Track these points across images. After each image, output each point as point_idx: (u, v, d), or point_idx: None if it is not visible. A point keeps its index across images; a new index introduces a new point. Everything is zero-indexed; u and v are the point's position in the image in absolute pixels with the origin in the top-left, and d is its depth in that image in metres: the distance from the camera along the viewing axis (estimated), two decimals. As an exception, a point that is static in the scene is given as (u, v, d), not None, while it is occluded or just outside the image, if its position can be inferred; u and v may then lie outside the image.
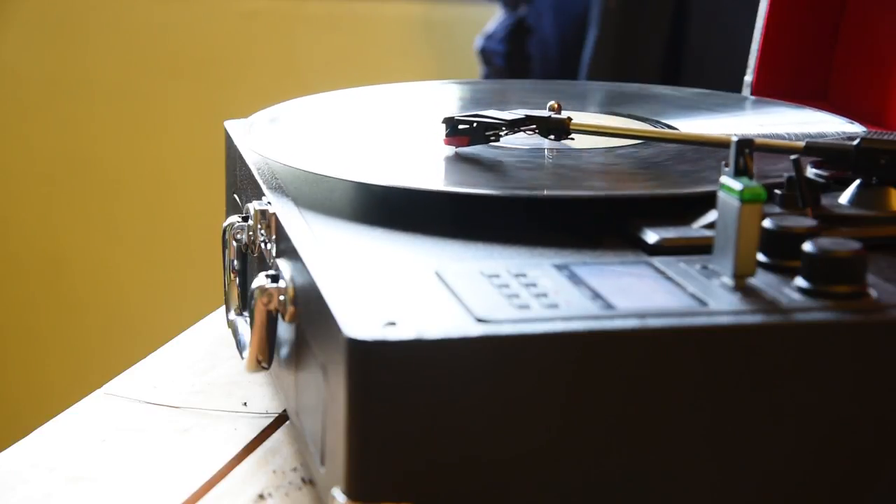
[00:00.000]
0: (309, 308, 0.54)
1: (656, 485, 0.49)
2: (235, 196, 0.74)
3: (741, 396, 0.49)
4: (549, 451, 0.48)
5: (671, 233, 0.56)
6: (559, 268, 0.53)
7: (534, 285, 0.51)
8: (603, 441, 0.48)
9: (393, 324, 0.47)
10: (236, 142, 0.74)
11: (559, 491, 0.48)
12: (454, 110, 0.79)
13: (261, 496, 0.57)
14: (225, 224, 0.67)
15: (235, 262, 0.68)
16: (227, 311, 0.69)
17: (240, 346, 0.65)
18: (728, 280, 0.51)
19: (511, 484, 0.48)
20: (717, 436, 0.49)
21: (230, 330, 0.68)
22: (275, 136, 0.72)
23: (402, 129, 0.75)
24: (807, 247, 0.51)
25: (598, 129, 0.70)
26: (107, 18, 1.99)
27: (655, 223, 0.57)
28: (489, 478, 0.48)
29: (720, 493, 0.50)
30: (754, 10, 0.92)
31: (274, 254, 0.61)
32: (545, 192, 0.62)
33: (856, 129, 0.74)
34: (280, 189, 0.64)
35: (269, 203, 0.63)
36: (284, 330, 0.59)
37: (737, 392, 0.49)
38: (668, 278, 0.52)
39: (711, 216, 0.56)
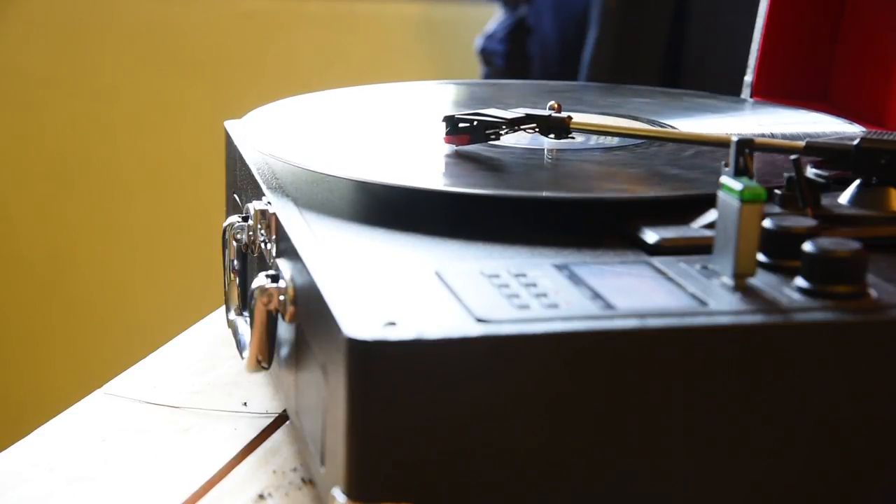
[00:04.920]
0: (309, 308, 0.54)
1: (657, 483, 0.49)
2: (235, 196, 0.74)
3: (741, 396, 0.49)
4: (550, 452, 0.48)
5: (671, 233, 0.56)
6: (559, 268, 0.53)
7: (534, 285, 0.51)
8: (603, 440, 0.48)
9: (393, 324, 0.47)
10: (236, 142, 0.74)
11: (560, 491, 0.48)
12: (454, 109, 0.79)
13: (261, 496, 0.57)
14: (225, 224, 0.67)
15: (235, 262, 0.68)
16: (227, 311, 0.69)
17: (240, 346, 0.65)
18: (728, 280, 0.51)
19: (512, 484, 0.48)
20: (717, 435, 0.49)
21: (230, 330, 0.68)
22: (273, 134, 0.72)
23: (401, 128, 0.75)
24: (807, 247, 0.51)
25: (599, 128, 0.70)
26: (107, 18, 1.99)
27: (655, 223, 0.57)
28: (490, 478, 0.48)
29: (720, 492, 0.50)
30: (754, 10, 0.92)
31: (274, 254, 0.61)
32: (545, 194, 0.62)
33: (855, 129, 0.74)
34: (280, 189, 0.64)
35: (269, 203, 0.63)
36: (284, 330, 0.59)
37: (736, 392, 0.49)
38: (668, 278, 0.52)
39: (711, 216, 0.56)
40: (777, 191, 0.58)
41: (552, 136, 0.70)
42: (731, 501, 0.50)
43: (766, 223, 0.53)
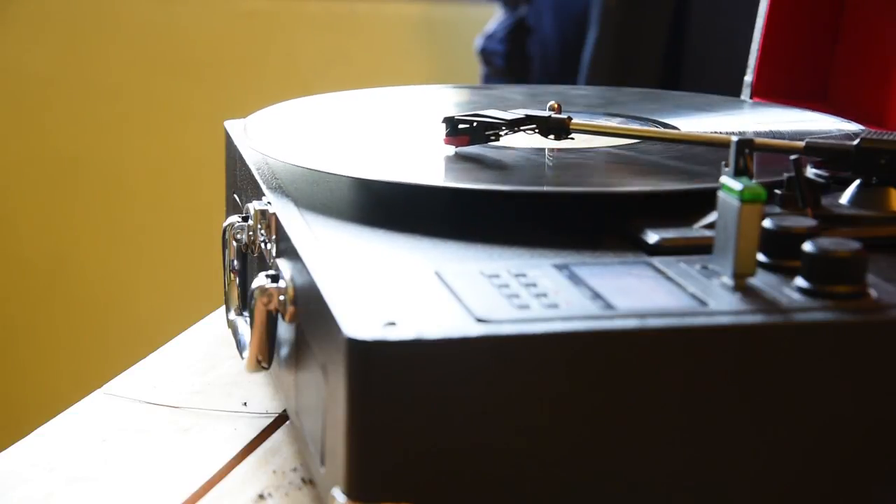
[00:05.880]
0: (309, 308, 0.54)
1: (657, 482, 0.49)
2: (235, 196, 0.74)
3: (741, 396, 0.49)
4: (550, 452, 0.48)
5: (671, 233, 0.56)
6: (559, 268, 0.53)
7: (534, 285, 0.51)
8: (603, 440, 0.48)
9: (393, 324, 0.47)
10: (236, 142, 0.74)
11: (560, 490, 0.48)
12: (455, 112, 0.79)
13: (261, 496, 0.57)
14: (225, 224, 0.67)
15: (235, 262, 0.68)
16: (227, 311, 0.69)
17: (240, 346, 0.65)
18: (728, 280, 0.51)
19: (511, 484, 0.48)
20: (717, 435, 0.49)
21: (230, 330, 0.69)
22: (273, 135, 0.72)
23: (402, 130, 0.75)
24: (807, 247, 0.51)
25: (598, 128, 0.70)
26: (107, 18, 1.99)
27: (655, 223, 0.57)
28: (490, 477, 0.48)
29: (720, 491, 0.50)
30: (754, 10, 0.92)
31: (274, 254, 0.61)
32: (545, 189, 0.62)
33: (854, 128, 0.74)
34: (280, 189, 0.64)
35: (269, 203, 0.63)
36: (284, 330, 0.59)
37: (736, 391, 0.49)
38: (668, 278, 0.52)
39: (711, 216, 0.56)
40: (777, 191, 0.58)
41: (552, 136, 0.70)
42: (730, 500, 0.50)
43: (766, 223, 0.53)
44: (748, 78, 0.92)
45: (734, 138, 0.55)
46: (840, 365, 0.49)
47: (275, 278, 0.58)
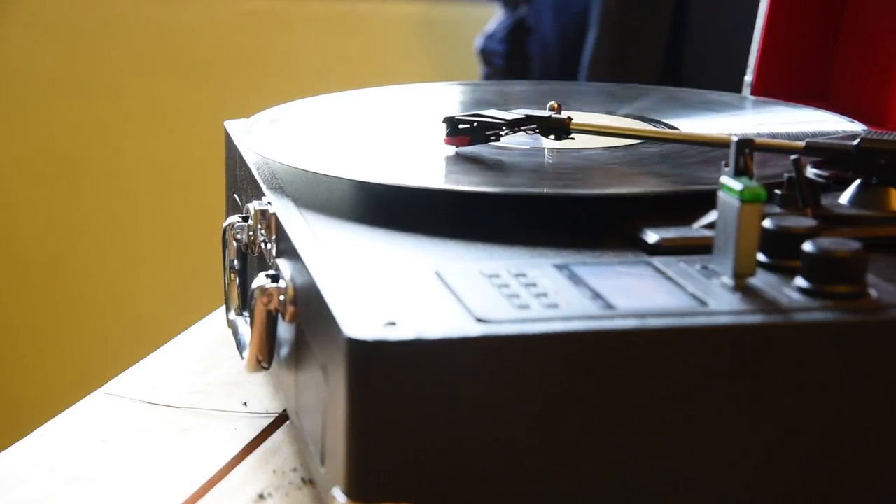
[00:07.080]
0: (309, 308, 0.54)
1: (656, 483, 0.49)
2: (235, 196, 0.74)
3: (741, 396, 0.49)
4: (550, 451, 0.48)
5: (671, 233, 0.56)
6: (559, 268, 0.53)
7: (534, 285, 0.51)
8: (603, 440, 0.48)
9: (393, 324, 0.47)
10: (236, 142, 0.74)
11: (560, 490, 0.48)
12: (455, 111, 0.79)
13: (261, 496, 0.57)
14: (225, 224, 0.67)
15: (235, 262, 0.68)
16: (227, 311, 0.69)
17: (240, 346, 0.65)
18: (728, 280, 0.51)
19: (512, 484, 0.48)
20: (717, 435, 0.49)
21: (230, 330, 0.69)
22: (275, 137, 0.72)
23: (402, 130, 0.75)
24: (807, 247, 0.51)
25: (599, 128, 0.70)
26: (107, 18, 1.99)
27: (655, 223, 0.57)
28: (490, 478, 0.48)
29: (719, 491, 0.50)
30: (754, 10, 0.92)
31: (274, 254, 0.61)
32: (545, 191, 0.62)
33: (856, 127, 0.74)
34: (280, 189, 0.64)
35: (269, 203, 0.63)
36: (284, 330, 0.59)
37: (736, 392, 0.49)
38: (669, 278, 0.52)
39: (711, 216, 0.56)
40: (777, 191, 0.58)
41: (552, 136, 0.70)
42: (730, 500, 0.50)
43: (766, 223, 0.53)
44: (748, 78, 0.92)
45: (734, 138, 0.55)
46: (840, 365, 0.49)
47: (275, 278, 0.58)
